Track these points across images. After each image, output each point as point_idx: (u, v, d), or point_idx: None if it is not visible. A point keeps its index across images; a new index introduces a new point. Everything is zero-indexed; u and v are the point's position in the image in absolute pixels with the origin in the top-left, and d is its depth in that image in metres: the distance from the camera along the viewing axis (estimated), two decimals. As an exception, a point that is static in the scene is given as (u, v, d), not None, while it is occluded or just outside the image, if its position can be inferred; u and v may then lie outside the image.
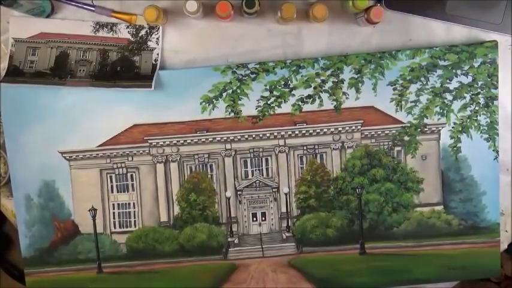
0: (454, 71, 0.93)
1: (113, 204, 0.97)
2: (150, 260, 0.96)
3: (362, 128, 0.95)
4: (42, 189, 0.95)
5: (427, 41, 0.94)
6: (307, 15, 0.89)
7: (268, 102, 0.94)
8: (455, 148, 0.95)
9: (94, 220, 0.96)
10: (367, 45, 0.94)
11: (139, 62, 0.92)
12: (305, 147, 0.96)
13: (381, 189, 0.96)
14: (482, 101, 0.94)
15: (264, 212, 0.98)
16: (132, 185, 0.97)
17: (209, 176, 0.97)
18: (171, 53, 0.93)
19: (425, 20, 0.93)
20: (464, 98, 0.94)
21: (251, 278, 0.96)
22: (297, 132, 0.95)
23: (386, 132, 0.95)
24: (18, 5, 0.83)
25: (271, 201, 0.97)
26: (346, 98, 0.94)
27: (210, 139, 0.95)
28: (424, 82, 0.94)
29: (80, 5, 0.91)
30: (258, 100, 0.94)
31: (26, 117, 0.93)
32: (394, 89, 0.94)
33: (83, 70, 0.91)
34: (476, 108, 0.94)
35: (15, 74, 0.91)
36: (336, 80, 0.93)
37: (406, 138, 0.95)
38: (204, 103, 0.94)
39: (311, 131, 0.95)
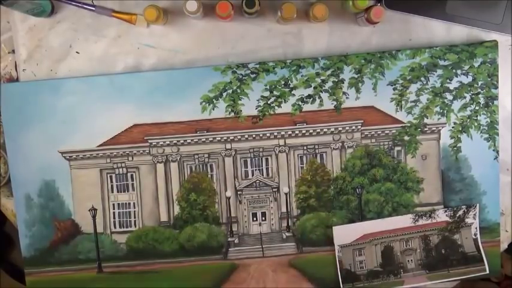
0: (454, 70, 0.93)
1: (113, 204, 0.97)
2: (150, 259, 0.96)
3: (362, 128, 0.95)
4: (42, 189, 0.95)
5: (427, 41, 0.94)
6: (307, 15, 0.89)
7: (268, 102, 0.94)
8: (455, 148, 0.95)
9: (94, 220, 0.96)
10: (367, 45, 0.94)
11: (460, 239, 0.96)
12: (305, 147, 0.96)
13: (381, 189, 0.96)
14: (482, 100, 0.94)
15: (264, 212, 0.98)
16: (132, 184, 0.97)
17: (209, 175, 0.97)
18: (171, 53, 0.93)
19: (426, 19, 0.93)
20: (465, 97, 0.94)
21: (251, 278, 0.96)
22: (297, 132, 0.95)
23: (386, 132, 0.95)
24: (18, 5, 0.83)
25: (271, 201, 0.98)
26: (346, 97, 0.94)
27: (210, 139, 0.95)
28: (424, 82, 0.94)
29: (80, 4, 0.91)
30: (258, 100, 0.94)
31: (26, 117, 0.93)
32: (394, 89, 0.94)
33: (411, 260, 0.96)
34: (477, 108, 0.94)
35: (349, 277, 0.96)
36: (336, 80, 0.93)
37: (406, 138, 0.95)
38: (204, 103, 0.94)
39: (311, 131, 0.95)
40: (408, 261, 0.96)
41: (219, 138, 0.95)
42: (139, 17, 0.90)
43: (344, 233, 0.95)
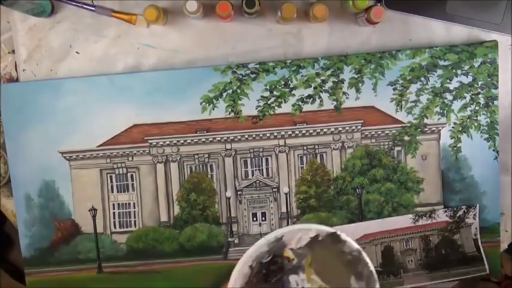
0: (454, 70, 0.93)
1: (113, 204, 0.97)
2: (150, 259, 0.96)
3: (362, 128, 0.95)
4: (42, 189, 0.95)
5: (427, 41, 0.94)
6: (307, 15, 0.89)
7: (268, 102, 0.94)
8: (455, 148, 0.95)
9: (94, 220, 0.96)
10: (367, 45, 0.94)
11: (460, 239, 0.96)
12: (305, 147, 0.96)
13: (381, 189, 0.96)
14: (482, 100, 0.94)
15: (264, 212, 0.98)
16: (132, 185, 0.97)
17: (209, 176, 0.97)
18: (171, 53, 0.93)
19: (426, 19, 0.93)
20: (465, 97, 0.94)
21: (251, 278, 0.96)
22: (297, 132, 0.95)
23: (386, 132, 0.95)
24: (18, 5, 0.83)
25: (271, 201, 0.97)
26: (346, 98, 0.94)
27: (210, 139, 0.95)
28: (424, 82, 0.94)
29: (80, 4, 0.91)
30: (258, 100, 0.94)
31: (26, 117, 0.93)
32: (394, 89, 0.94)
33: (411, 260, 0.96)
34: (477, 108, 0.94)
35: None
36: (336, 80, 0.93)
37: (406, 138, 0.95)
38: (204, 103, 0.94)
39: (311, 131, 0.95)
40: (408, 261, 0.96)
41: (219, 138, 0.95)
42: (139, 17, 0.90)
43: (344, 233, 0.95)
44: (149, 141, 0.95)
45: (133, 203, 0.97)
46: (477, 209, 0.96)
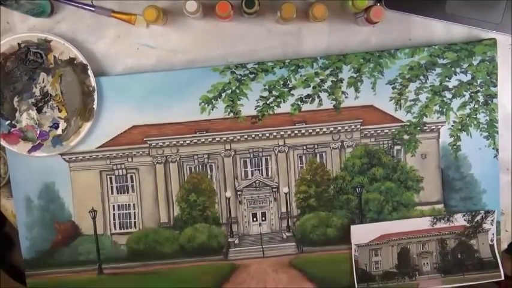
0: (453, 69, 0.94)
1: (113, 206, 0.97)
2: (151, 261, 0.96)
3: (361, 127, 0.95)
4: (42, 191, 0.95)
5: (426, 41, 0.94)
6: (307, 15, 0.90)
7: (268, 102, 0.94)
8: (455, 146, 0.96)
9: (94, 221, 0.96)
10: (366, 45, 0.94)
11: (476, 244, 0.97)
12: (304, 147, 0.96)
13: (381, 188, 0.96)
14: (481, 99, 0.94)
15: (264, 212, 0.98)
16: (132, 186, 0.97)
17: (209, 176, 0.97)
18: (170, 53, 0.93)
19: (425, 19, 0.93)
20: (464, 96, 0.94)
21: (251, 278, 0.96)
22: (296, 131, 0.95)
23: (385, 131, 0.95)
24: (18, 6, 0.83)
25: (271, 201, 0.97)
26: (346, 97, 0.94)
27: (209, 139, 0.95)
28: (423, 80, 0.94)
29: (79, 5, 0.91)
30: (257, 100, 0.94)
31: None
32: (393, 88, 0.94)
33: (427, 263, 0.96)
34: (476, 106, 0.95)
35: (364, 277, 0.96)
36: (335, 79, 0.94)
37: (406, 137, 0.95)
38: (203, 103, 0.94)
39: (310, 131, 0.95)
40: (424, 264, 0.96)
41: (219, 139, 0.95)
42: (138, 17, 0.90)
43: (361, 233, 0.95)
44: (149, 142, 0.95)
45: (133, 204, 0.97)
46: (495, 214, 0.95)
